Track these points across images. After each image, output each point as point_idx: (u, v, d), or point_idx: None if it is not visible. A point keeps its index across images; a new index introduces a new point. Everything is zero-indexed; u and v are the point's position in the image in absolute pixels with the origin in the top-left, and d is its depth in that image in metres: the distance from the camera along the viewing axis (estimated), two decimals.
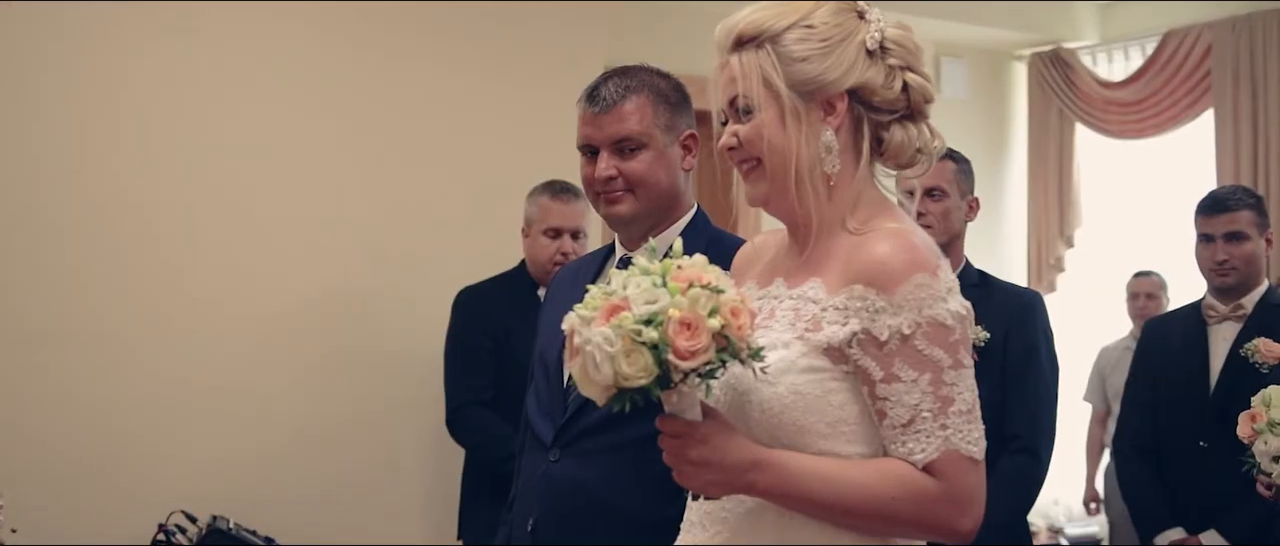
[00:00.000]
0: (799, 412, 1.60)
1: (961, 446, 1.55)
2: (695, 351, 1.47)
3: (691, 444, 1.55)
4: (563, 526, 2.16)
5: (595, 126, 2.25)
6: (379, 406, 4.01)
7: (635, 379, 1.46)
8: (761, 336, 1.58)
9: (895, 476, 1.55)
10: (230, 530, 3.54)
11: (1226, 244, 3.40)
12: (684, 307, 1.47)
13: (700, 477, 1.57)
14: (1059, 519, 6.52)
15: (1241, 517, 3.27)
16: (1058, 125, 6.74)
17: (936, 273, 1.58)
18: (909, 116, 1.69)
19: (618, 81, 2.29)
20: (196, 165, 3.81)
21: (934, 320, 1.56)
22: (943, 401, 1.55)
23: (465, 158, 4.21)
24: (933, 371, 1.55)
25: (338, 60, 4.04)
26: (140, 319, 3.72)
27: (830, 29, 1.66)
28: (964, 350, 1.58)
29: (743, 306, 1.51)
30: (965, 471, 1.55)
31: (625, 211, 2.25)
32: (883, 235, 1.62)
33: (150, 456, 3.71)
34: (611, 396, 1.49)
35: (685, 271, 1.52)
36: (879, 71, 1.67)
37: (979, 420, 1.58)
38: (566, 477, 2.18)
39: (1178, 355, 3.41)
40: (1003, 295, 3.08)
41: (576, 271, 2.44)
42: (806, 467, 1.57)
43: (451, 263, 4.02)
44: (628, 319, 1.47)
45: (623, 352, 1.46)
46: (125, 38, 3.71)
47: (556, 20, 4.38)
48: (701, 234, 2.30)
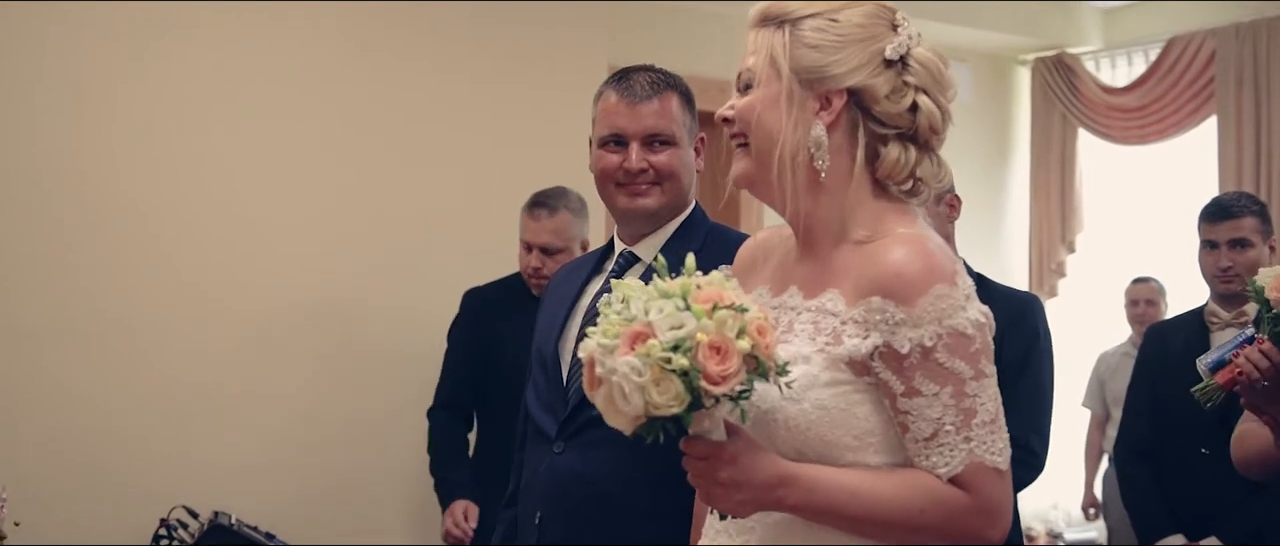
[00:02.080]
0: (825, 427, 1.58)
1: (986, 458, 1.53)
2: (727, 375, 1.43)
3: (720, 465, 1.52)
4: (569, 519, 2.16)
5: (631, 118, 2.25)
6: (380, 405, 4.01)
7: (667, 408, 1.42)
8: (782, 350, 1.56)
9: (923, 489, 1.54)
10: (232, 526, 3.55)
11: (1231, 250, 3.39)
12: (712, 331, 1.43)
13: (730, 498, 1.54)
14: (1058, 524, 6.53)
15: (1241, 522, 3.27)
16: (1061, 130, 6.74)
17: (955, 281, 1.54)
18: (913, 139, 1.64)
19: (650, 76, 2.30)
20: (198, 165, 3.80)
21: (955, 331, 1.53)
22: (966, 414, 1.53)
23: (466, 159, 4.20)
24: (955, 384, 1.52)
25: (337, 61, 4.03)
26: (143, 317, 3.72)
27: (852, 28, 1.63)
28: (985, 359, 1.55)
29: (767, 324, 1.48)
30: (991, 482, 1.53)
31: (652, 204, 2.27)
32: (895, 241, 1.58)
33: (153, 452, 3.70)
34: (640, 425, 1.45)
35: (706, 291, 1.48)
36: (888, 82, 1.63)
37: (1003, 429, 1.56)
38: (571, 469, 2.17)
39: (1179, 361, 3.41)
40: (999, 298, 3.08)
41: (573, 270, 2.45)
42: (834, 481, 1.55)
43: (452, 263, 4.02)
44: (655, 346, 1.42)
45: (652, 382, 1.42)
46: (126, 37, 3.70)
47: (558, 22, 4.38)
48: (699, 228, 2.32)
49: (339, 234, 4.00)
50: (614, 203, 2.31)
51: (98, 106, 3.67)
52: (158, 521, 3.56)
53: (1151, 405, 3.58)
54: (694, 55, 5.46)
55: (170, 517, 3.56)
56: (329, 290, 4.00)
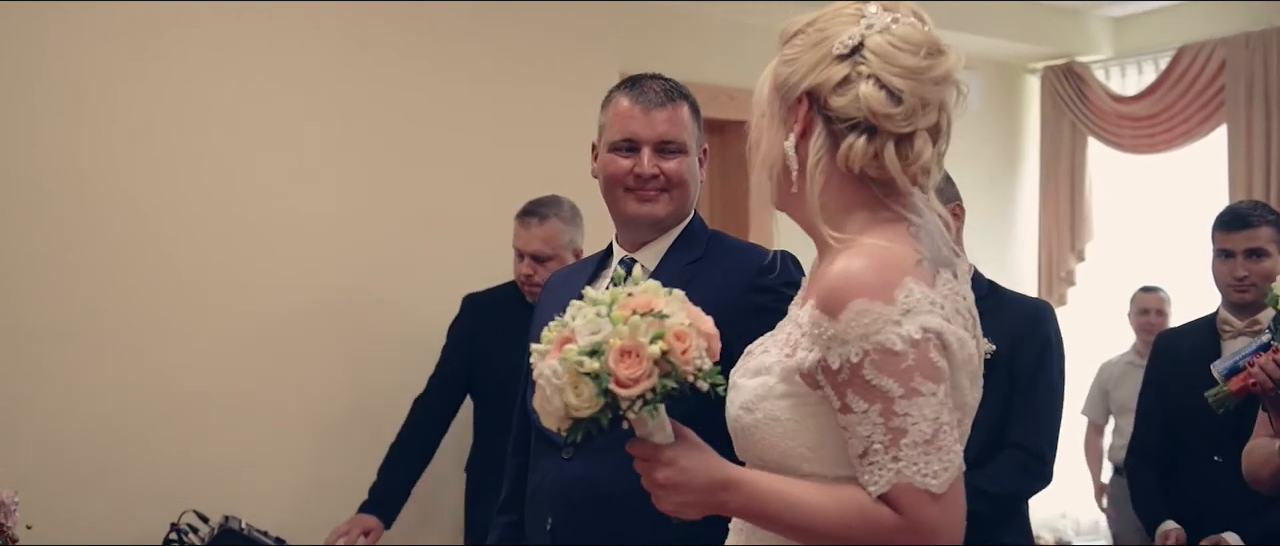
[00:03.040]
0: (778, 438, 1.58)
1: (916, 479, 1.46)
2: (636, 379, 1.48)
3: (657, 466, 1.55)
4: (581, 525, 2.16)
5: (645, 124, 2.28)
6: (390, 407, 4.01)
7: (583, 409, 1.49)
8: (762, 358, 1.60)
9: (855, 506, 1.50)
10: (242, 530, 3.55)
11: (1246, 260, 3.38)
12: (624, 336, 1.49)
13: (670, 500, 1.56)
14: (1067, 532, 6.53)
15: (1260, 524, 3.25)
16: (1070, 139, 6.74)
17: (888, 295, 1.48)
18: (870, 129, 1.58)
19: (663, 84, 2.33)
20: (198, 165, 3.76)
21: (883, 347, 1.47)
22: (895, 433, 1.46)
23: (473, 161, 4.19)
24: (883, 402, 1.47)
25: (338, 61, 4.00)
26: (144, 317, 3.69)
27: (818, 34, 1.61)
28: (921, 376, 1.47)
29: (689, 330, 1.51)
30: (920, 504, 1.46)
31: (660, 211, 2.29)
32: (845, 251, 1.55)
33: (157, 454, 3.69)
34: (567, 426, 1.52)
35: (634, 299, 1.54)
36: (836, 73, 1.58)
37: (944, 449, 1.48)
38: (582, 475, 2.18)
39: (1191, 367, 3.41)
40: (1012, 305, 3.08)
41: (568, 277, 2.45)
42: (773, 489, 1.54)
43: (457, 264, 4.01)
44: (572, 351, 1.50)
45: (569, 384, 1.49)
46: (126, 37, 3.67)
47: (568, 26, 4.38)
48: (700, 236, 2.35)
49: (343, 234, 3.99)
50: (622, 207, 2.32)
51: (98, 106, 3.65)
52: (168, 525, 3.56)
53: (1162, 411, 3.58)
54: (704, 63, 5.47)
55: (180, 521, 3.57)
56: (331, 290, 3.99)
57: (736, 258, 2.30)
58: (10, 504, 2.23)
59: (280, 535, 3.61)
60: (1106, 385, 5.62)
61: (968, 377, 1.58)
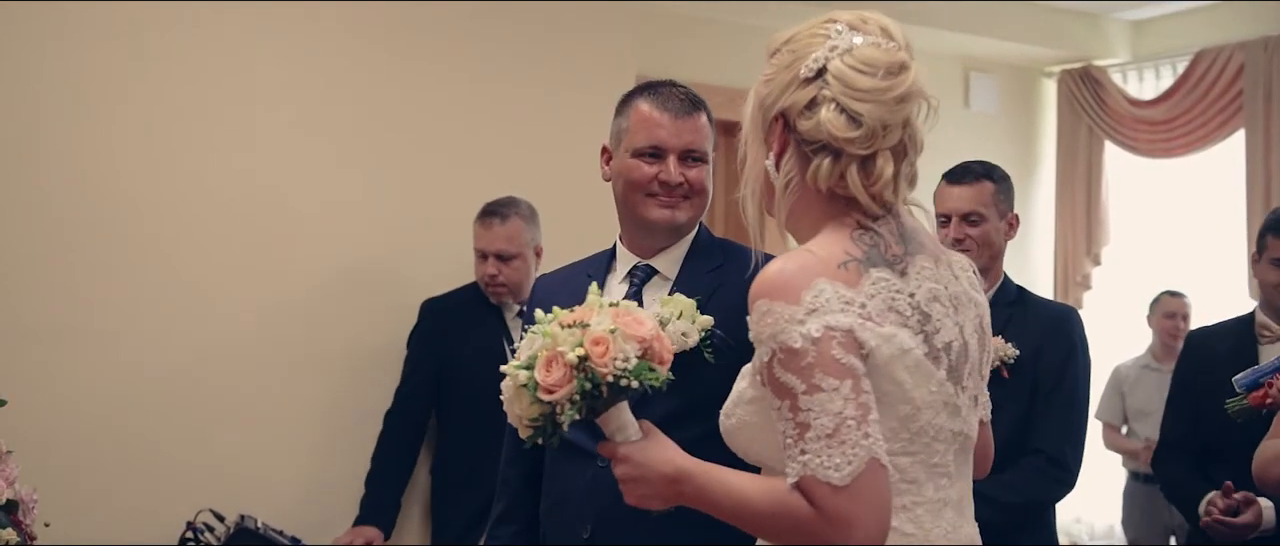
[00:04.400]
0: (747, 440, 1.67)
1: (819, 472, 1.50)
2: (556, 384, 1.64)
3: (616, 463, 1.70)
4: (623, 529, 2.15)
5: (673, 132, 2.30)
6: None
7: (528, 416, 1.67)
8: (745, 366, 1.67)
9: (778, 496, 1.55)
10: (257, 529, 3.56)
11: None
12: (549, 348, 1.66)
13: (633, 493, 1.69)
14: (1082, 537, 6.51)
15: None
16: (1087, 143, 6.72)
17: (793, 296, 1.54)
18: (833, 152, 1.62)
19: (685, 93, 2.36)
20: (198, 165, 3.75)
21: (784, 346, 1.53)
22: (800, 427, 1.52)
23: (480, 161, 4.17)
24: (790, 398, 1.53)
25: (346, 64, 3.99)
26: (145, 317, 3.69)
27: (790, 55, 1.67)
28: (821, 373, 1.52)
29: (611, 335, 1.64)
30: (825, 496, 1.50)
31: (682, 217, 2.31)
32: (779, 258, 1.60)
33: (179, 454, 3.70)
34: (529, 434, 1.69)
35: (575, 312, 1.71)
36: (803, 97, 1.64)
37: (846, 443, 1.50)
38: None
39: (1226, 368, 3.36)
40: (1038, 310, 3.08)
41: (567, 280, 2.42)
42: (717, 480, 1.62)
43: (464, 265, 3.93)
44: (513, 366, 1.69)
45: (514, 398, 1.69)
46: (126, 37, 3.66)
47: (586, 28, 4.38)
48: (714, 244, 2.39)
49: (346, 233, 3.99)
50: (644, 213, 2.32)
51: (98, 106, 3.65)
52: (184, 524, 3.57)
53: (1194, 412, 3.52)
54: (721, 66, 5.48)
55: (197, 520, 3.58)
56: (334, 289, 3.98)
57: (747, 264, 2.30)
58: (29, 501, 2.24)
59: (299, 536, 3.62)
60: (1121, 388, 5.63)
61: (906, 372, 1.60)
